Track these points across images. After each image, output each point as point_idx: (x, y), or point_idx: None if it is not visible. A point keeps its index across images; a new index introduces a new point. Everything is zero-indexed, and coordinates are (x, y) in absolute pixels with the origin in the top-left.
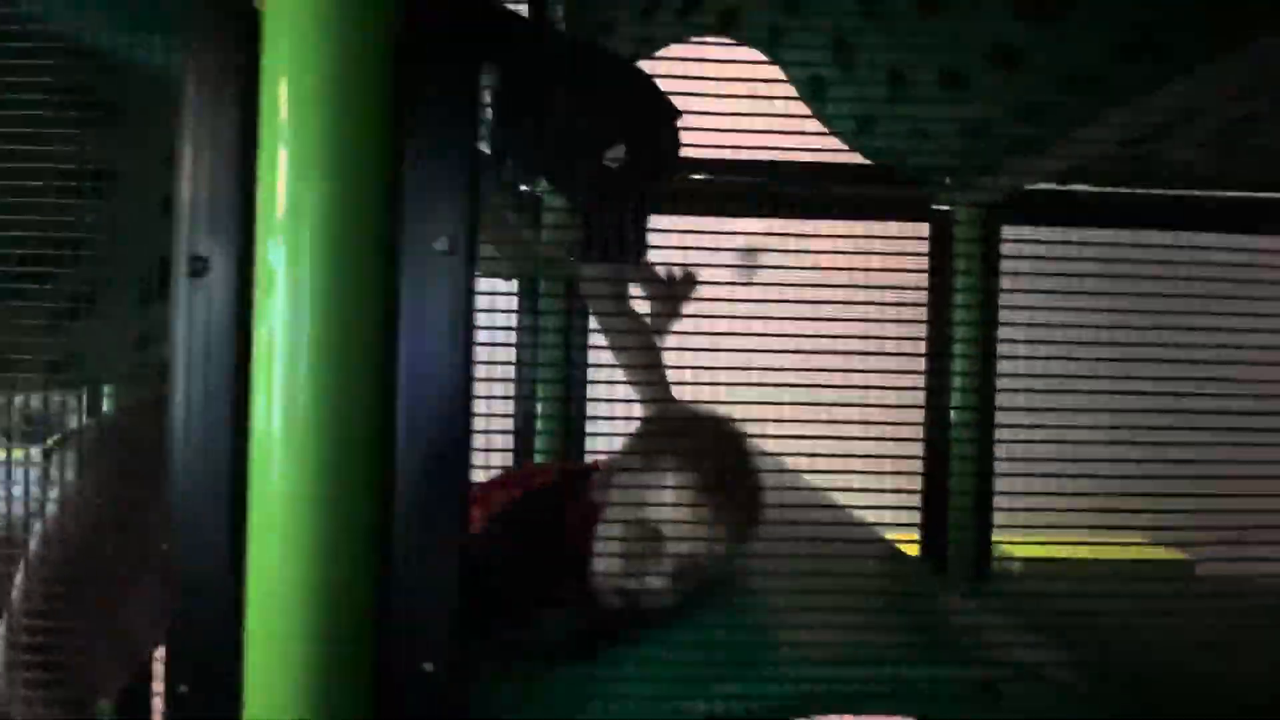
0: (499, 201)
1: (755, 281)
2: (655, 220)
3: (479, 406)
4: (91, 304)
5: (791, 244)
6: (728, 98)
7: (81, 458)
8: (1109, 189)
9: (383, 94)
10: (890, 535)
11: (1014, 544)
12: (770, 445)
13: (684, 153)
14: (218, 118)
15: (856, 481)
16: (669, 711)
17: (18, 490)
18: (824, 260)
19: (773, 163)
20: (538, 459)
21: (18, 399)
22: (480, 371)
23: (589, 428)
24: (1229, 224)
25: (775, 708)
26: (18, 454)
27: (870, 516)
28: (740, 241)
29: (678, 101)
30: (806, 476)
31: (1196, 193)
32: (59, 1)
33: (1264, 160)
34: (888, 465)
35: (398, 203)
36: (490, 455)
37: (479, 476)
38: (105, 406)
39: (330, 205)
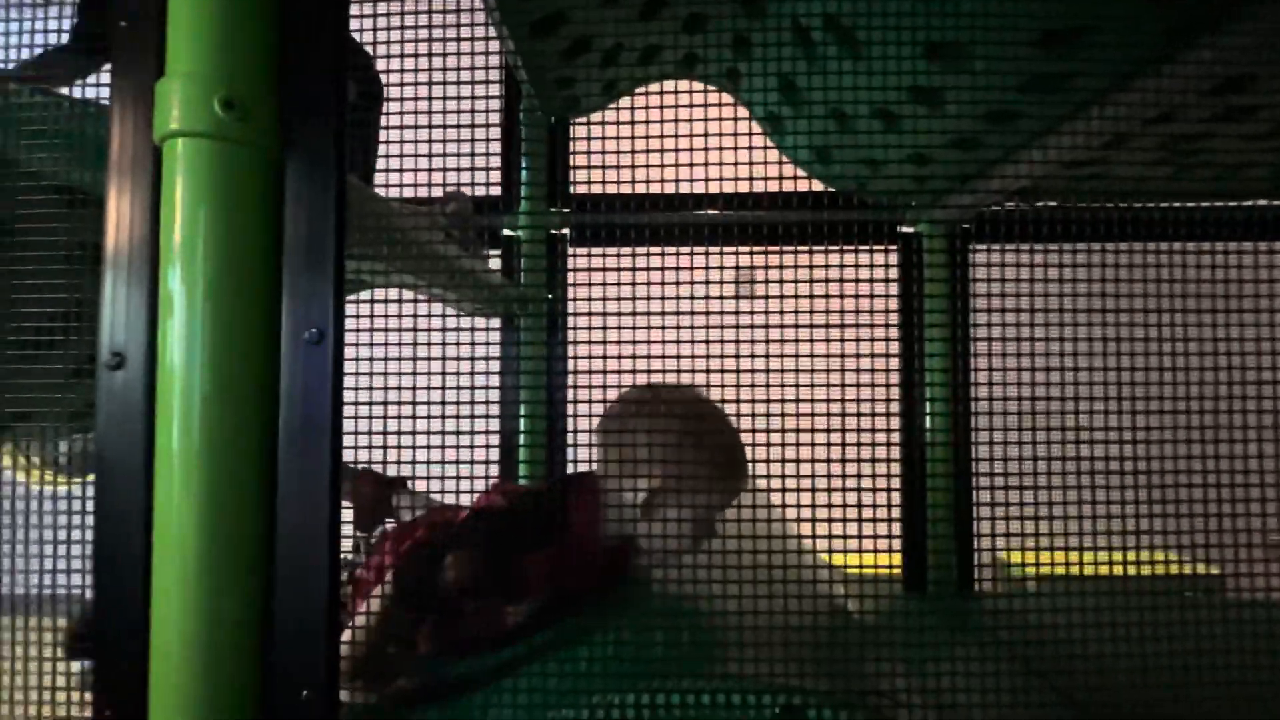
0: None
1: (745, 305)
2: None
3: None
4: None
5: (772, 273)
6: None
7: None
8: (1076, 206)
9: (263, 209)
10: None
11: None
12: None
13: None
14: (130, 234)
15: (837, 505)
16: None
17: None
18: (799, 287)
19: (744, 194)
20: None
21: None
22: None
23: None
24: (1189, 234)
25: None
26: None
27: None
28: (738, 267)
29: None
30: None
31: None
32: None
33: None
34: (868, 487)
35: (277, 302)
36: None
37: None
38: None
39: (218, 302)
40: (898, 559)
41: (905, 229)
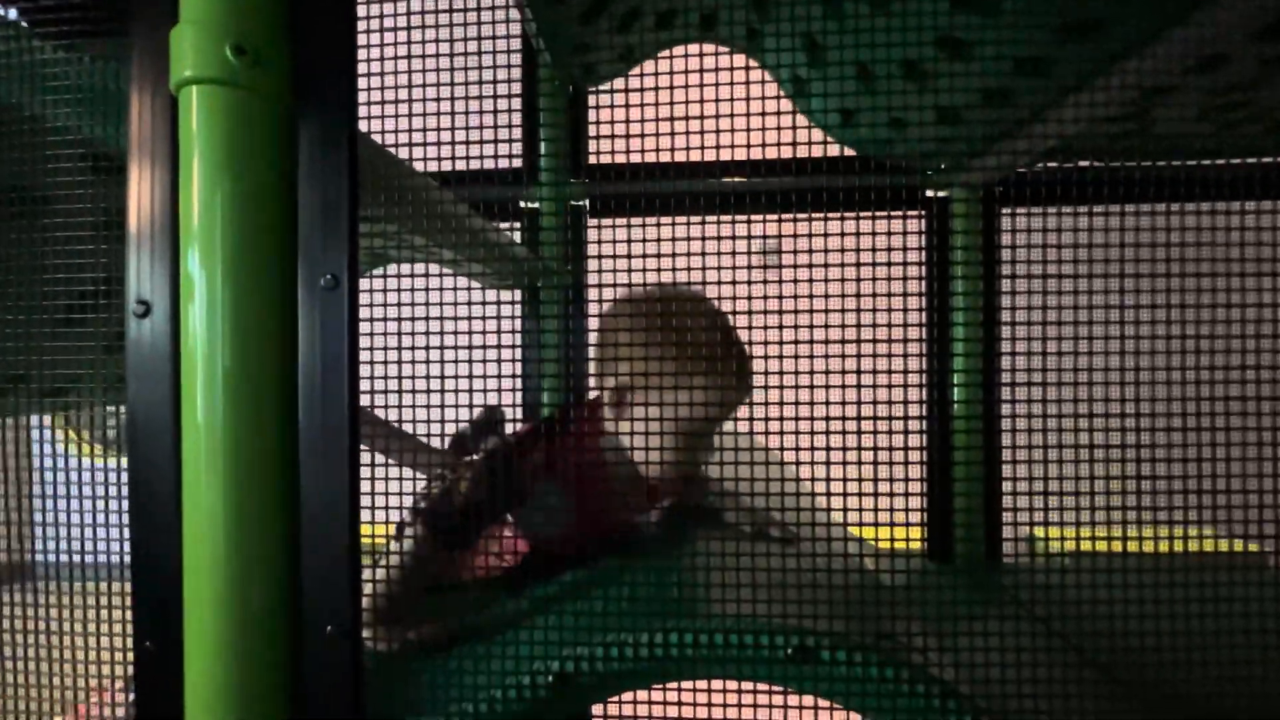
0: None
1: (770, 273)
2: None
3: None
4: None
5: (789, 240)
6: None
7: None
8: (1110, 164)
9: (276, 159)
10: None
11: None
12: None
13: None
14: (151, 188)
15: (858, 473)
16: (528, 670)
17: None
18: (824, 254)
19: (766, 161)
20: None
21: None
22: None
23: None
24: (1238, 193)
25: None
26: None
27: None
28: (760, 236)
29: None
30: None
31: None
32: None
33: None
34: (890, 456)
35: (293, 249)
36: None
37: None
38: None
39: (236, 251)
40: (924, 536)
41: (932, 193)
